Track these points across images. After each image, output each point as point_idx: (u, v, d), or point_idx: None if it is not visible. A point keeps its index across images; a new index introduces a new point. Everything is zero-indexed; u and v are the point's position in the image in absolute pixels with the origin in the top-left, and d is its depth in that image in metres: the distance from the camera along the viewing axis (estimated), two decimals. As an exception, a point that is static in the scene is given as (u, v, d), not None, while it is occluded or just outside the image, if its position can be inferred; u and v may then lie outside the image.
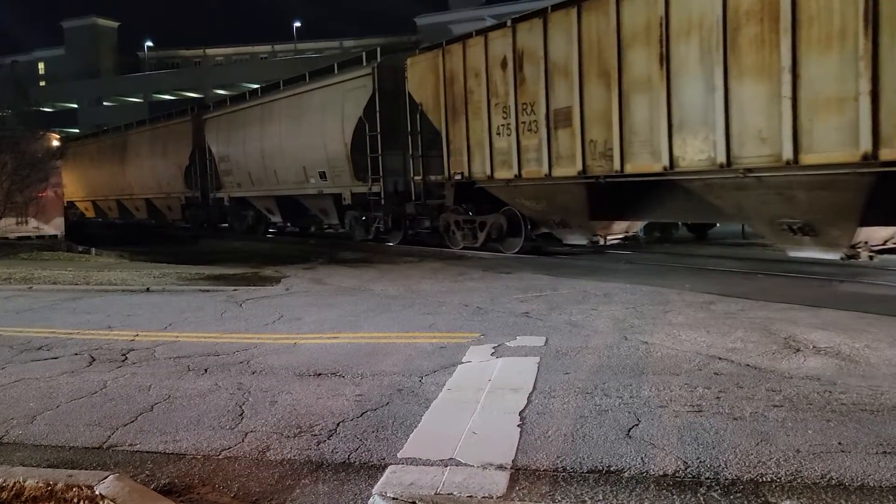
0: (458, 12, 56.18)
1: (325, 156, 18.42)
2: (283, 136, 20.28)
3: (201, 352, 6.15)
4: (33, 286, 10.97)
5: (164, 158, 27.55)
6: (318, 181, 18.97)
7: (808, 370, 4.93)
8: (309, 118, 19.02)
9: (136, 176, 30.01)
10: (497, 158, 13.42)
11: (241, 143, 22.45)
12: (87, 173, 34.70)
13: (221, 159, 23.93)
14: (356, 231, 18.81)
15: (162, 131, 28.10)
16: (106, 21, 72.50)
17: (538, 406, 4.33)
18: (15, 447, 3.99)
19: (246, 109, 22.64)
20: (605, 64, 11.09)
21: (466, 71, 13.98)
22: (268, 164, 21.06)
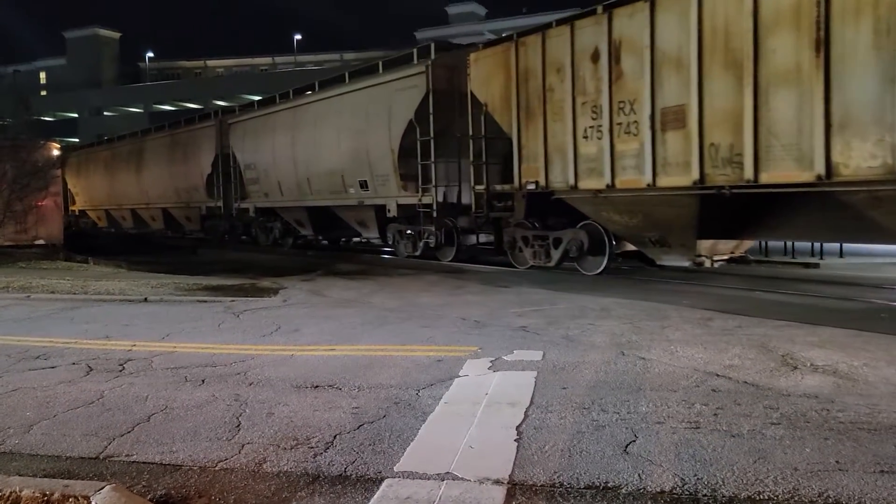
0: (458, 27, 56.60)
1: (367, 163, 17.03)
2: (319, 142, 18.84)
3: (199, 362, 6.15)
4: (31, 295, 10.96)
5: (185, 166, 26.22)
6: (359, 191, 17.55)
7: (805, 388, 4.94)
8: (349, 122, 17.61)
9: (153, 184, 28.59)
10: (583, 166, 11.84)
11: (270, 149, 21.09)
12: (100, 181, 33.54)
13: (247, 167, 22.56)
14: (400, 246, 17.32)
15: (182, 137, 26.77)
16: (108, 32, 72.83)
17: (535, 421, 4.33)
18: (11, 456, 3.98)
19: (276, 113, 21.17)
20: (734, 53, 9.51)
21: (546, 66, 12.37)
22: (300, 172, 19.66)
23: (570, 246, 12.67)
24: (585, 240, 12.48)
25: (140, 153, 29.67)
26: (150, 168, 28.71)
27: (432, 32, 56.03)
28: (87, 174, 34.86)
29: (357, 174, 17.47)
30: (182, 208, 27.24)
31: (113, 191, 32.34)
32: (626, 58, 11.04)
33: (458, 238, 15.68)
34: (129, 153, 30.69)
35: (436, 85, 15.12)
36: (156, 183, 28.30)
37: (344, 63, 58.57)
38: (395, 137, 16.06)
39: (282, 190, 20.81)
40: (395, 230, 17.35)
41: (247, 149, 22.51)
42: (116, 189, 31.86)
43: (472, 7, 64.99)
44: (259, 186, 22.13)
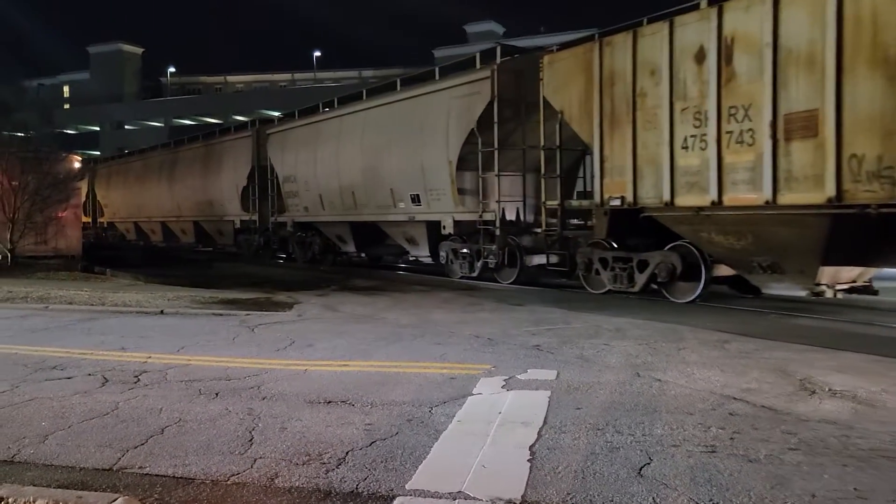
0: (477, 45, 56.88)
1: (420, 176, 15.88)
2: (366, 154, 17.70)
3: (213, 376, 6.16)
4: (50, 306, 11.06)
5: (219, 178, 25.25)
6: (409, 206, 16.42)
7: (824, 413, 4.87)
8: (401, 132, 16.52)
9: (185, 196, 27.67)
10: (681, 180, 10.62)
11: (312, 161, 19.93)
12: (129, 192, 32.69)
13: (286, 179, 21.36)
14: (454, 266, 15.92)
15: (217, 148, 25.84)
16: (131, 47, 73.97)
17: (549, 441, 4.29)
18: (26, 466, 4.00)
19: (318, 123, 20.07)
20: (885, 48, 8.22)
21: (637, 67, 11.23)
22: (345, 185, 18.53)
23: (659, 270, 11.29)
24: (678, 263, 11.09)
25: (172, 164, 28.88)
26: (183, 180, 27.85)
27: (450, 51, 56.29)
28: (117, 185, 34.25)
29: (408, 187, 16.36)
30: (214, 222, 26.32)
31: (143, 203, 31.55)
32: (739, 57, 9.84)
33: (521, 258, 14.34)
34: (161, 164, 29.96)
35: (501, 91, 13.96)
36: (188, 195, 27.45)
37: (362, 80, 59.04)
38: (454, 148, 14.97)
39: (323, 204, 19.67)
40: (448, 248, 16.00)
41: (286, 160, 21.40)
42: (146, 201, 31.05)
43: (491, 26, 65.41)
44: (298, 200, 20.92)
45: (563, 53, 12.85)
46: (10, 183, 18.97)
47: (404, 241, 17.64)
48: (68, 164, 21.71)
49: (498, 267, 14.66)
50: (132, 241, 34.02)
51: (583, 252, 12.73)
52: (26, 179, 18.99)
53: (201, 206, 26.65)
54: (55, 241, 20.78)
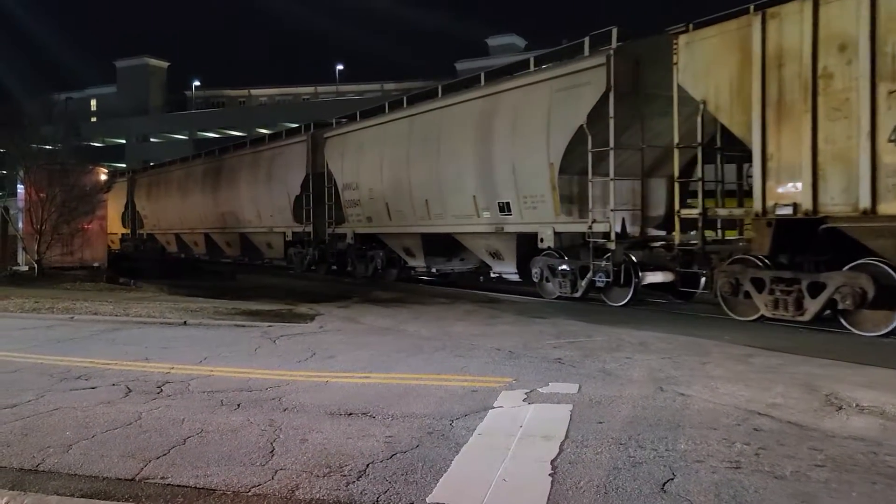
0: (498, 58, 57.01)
1: (511, 181, 14.01)
2: (443, 158, 15.94)
3: (234, 387, 6.19)
4: (75, 316, 11.20)
5: (269, 187, 23.57)
6: (496, 215, 14.54)
7: (852, 429, 4.78)
8: (485, 133, 14.71)
9: (231, 206, 25.95)
10: (888, 181, 8.57)
11: (377, 166, 18.19)
12: (171, 203, 31.16)
13: (346, 187, 19.61)
14: (550, 285, 13.87)
15: (266, 155, 24.12)
16: (157, 61, 75.13)
17: (570, 455, 4.26)
18: (50, 476, 4.03)
19: (385, 125, 18.32)
20: None
21: (818, 42, 9.16)
22: (416, 192, 16.78)
23: (842, 294, 9.17)
24: (868, 287, 8.94)
25: (217, 173, 27.19)
26: (229, 189, 26.15)
27: (472, 63, 56.53)
28: (158, 195, 32.84)
29: (495, 195, 14.49)
30: (263, 233, 24.64)
31: (185, 213, 29.93)
32: None
33: (636, 276, 12.32)
34: (205, 173, 28.32)
35: (619, 80, 11.92)
36: (234, 205, 25.82)
37: (384, 93, 59.43)
38: (556, 149, 12.94)
39: (390, 213, 17.93)
40: (543, 265, 13.90)
41: (346, 166, 19.63)
42: (189, 211, 29.49)
43: (513, 39, 65.69)
44: (361, 209, 19.18)
45: (707, 31, 10.72)
46: (37, 195, 19.31)
47: (487, 255, 15.65)
48: (95, 176, 22.02)
49: (608, 286, 12.62)
50: (173, 253, 32.49)
51: (726, 271, 10.61)
52: (53, 191, 19.31)
53: (249, 218, 25.06)
54: (81, 252, 21.05)
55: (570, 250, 13.47)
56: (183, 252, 31.51)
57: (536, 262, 14.14)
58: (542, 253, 13.90)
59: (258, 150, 24.96)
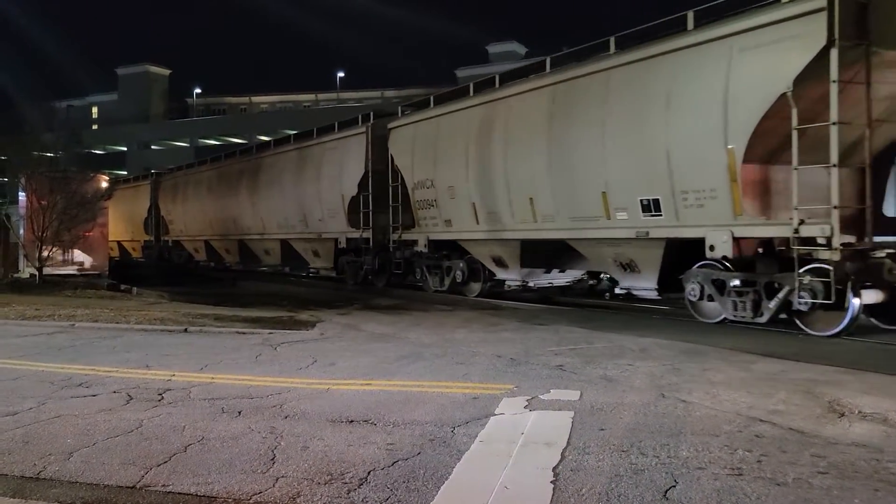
0: (499, 65, 57.16)
1: (665, 171, 10.91)
2: (555, 146, 12.93)
3: (235, 394, 6.19)
4: (76, 323, 11.19)
5: (317, 187, 20.71)
6: (637, 216, 11.51)
7: (854, 436, 4.77)
8: (622, 110, 11.66)
9: (272, 210, 23.26)
10: None
11: (461, 160, 15.35)
12: (200, 206, 28.33)
13: (419, 185, 16.78)
14: (712, 306, 10.93)
15: (315, 151, 21.28)
16: (158, 69, 75.25)
17: (572, 462, 4.25)
18: (51, 483, 4.03)
19: (471, 110, 15.32)
20: None
21: None
22: (517, 189, 13.91)
23: None
24: None
25: (254, 173, 24.44)
26: (268, 190, 23.46)
27: (472, 71, 56.65)
28: (186, 199, 29.93)
29: (637, 190, 11.48)
30: (310, 240, 21.70)
31: (217, 218, 26.92)
32: None
33: (855, 296, 9.33)
34: (240, 173, 25.49)
35: (844, 28, 8.87)
36: (275, 208, 23.08)
37: (384, 100, 59.53)
38: (739, 128, 9.90)
39: (477, 215, 15.06)
40: (704, 279, 10.82)
41: (418, 161, 16.79)
42: (221, 216, 26.52)
43: (513, 46, 65.73)
44: (437, 211, 16.31)
45: None
46: (38, 202, 19.35)
47: (615, 266, 12.55)
48: (96, 183, 22.07)
49: (810, 310, 9.59)
50: (202, 262, 29.90)
51: None
52: (55, 199, 19.37)
53: (292, 222, 22.22)
54: (82, 259, 21.08)
55: (738, 262, 10.52)
56: (213, 260, 29.06)
57: (693, 276, 11.01)
58: (699, 264, 10.95)
59: (305, 146, 21.96)
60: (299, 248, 22.53)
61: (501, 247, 14.97)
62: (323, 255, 21.44)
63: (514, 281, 15.37)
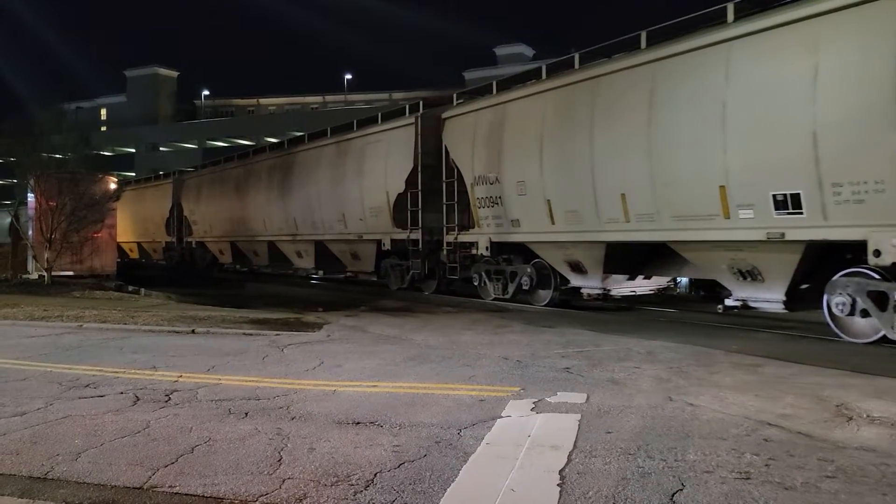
0: (506, 67, 57.18)
1: (811, 157, 9.13)
2: (656, 131, 11.18)
3: (242, 395, 6.20)
4: (83, 324, 11.23)
5: (359, 184, 19.08)
6: (768, 214, 9.78)
7: (862, 440, 4.74)
8: (754, 86, 9.83)
9: (305, 210, 21.72)
10: None
11: (533, 150, 13.56)
12: (227, 206, 26.71)
13: (480, 181, 15.11)
14: (865, 323, 9.24)
15: (356, 145, 19.60)
16: (166, 71, 75.60)
17: (579, 465, 4.24)
18: (59, 483, 4.04)
19: (543, 95, 13.62)
20: None
21: None
22: (605, 184, 12.09)
23: None
24: None
25: (286, 170, 22.92)
26: (302, 188, 21.88)
27: (480, 73, 56.68)
28: (211, 198, 28.37)
29: (768, 182, 9.73)
30: (349, 242, 20.10)
31: (244, 218, 25.44)
32: None
33: None
34: (271, 170, 24.02)
35: None
36: (309, 208, 21.51)
37: (392, 102, 59.61)
38: None
39: (553, 214, 13.32)
40: (859, 291, 9.12)
41: (480, 154, 15.15)
42: (249, 216, 25.07)
43: (521, 48, 65.77)
44: (503, 210, 14.65)
45: None
46: (47, 203, 19.44)
47: (730, 273, 10.79)
48: (104, 184, 22.14)
49: None
50: (227, 265, 28.67)
51: None
52: (63, 200, 19.44)
53: (329, 222, 20.58)
54: (90, 260, 21.18)
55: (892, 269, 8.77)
56: (238, 263, 27.79)
57: (841, 287, 9.33)
58: (843, 273, 9.37)
59: (344, 140, 20.25)
60: (336, 250, 21.00)
61: (582, 250, 13.20)
62: (363, 258, 19.95)
63: (592, 289, 13.58)
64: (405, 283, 18.41)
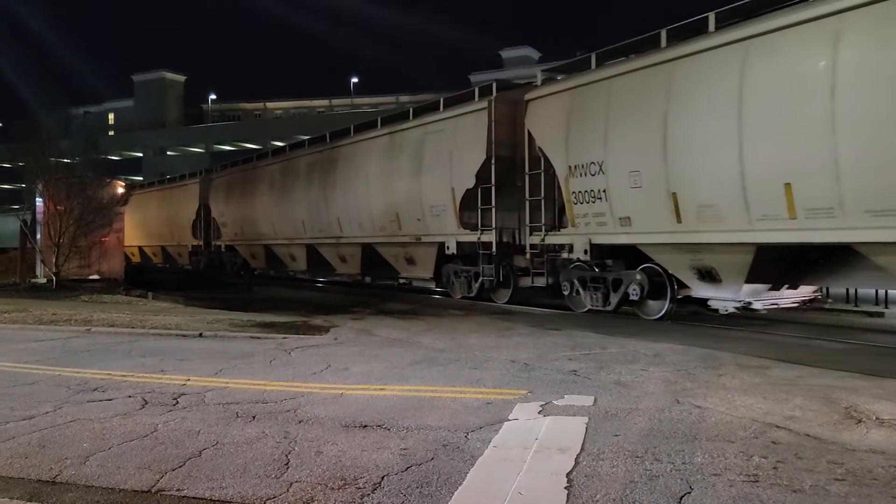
0: (513, 70, 57.15)
1: None
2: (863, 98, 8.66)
3: (250, 399, 6.21)
4: (92, 328, 11.28)
5: (418, 179, 16.94)
6: None
7: (871, 443, 4.72)
8: None
9: (351, 209, 19.66)
10: None
11: (652, 136, 11.21)
12: (260, 206, 24.96)
13: (576, 172, 12.80)
14: None
15: (415, 135, 17.33)
16: (173, 75, 75.94)
17: (586, 468, 4.23)
18: (67, 487, 4.06)
19: (663, 67, 11.21)
20: None
21: None
22: (758, 171, 9.83)
23: None
24: None
25: (329, 166, 20.87)
26: (348, 186, 19.84)
27: (486, 76, 56.73)
28: (242, 198, 26.37)
29: None
30: (403, 245, 18.04)
31: (279, 220, 23.67)
32: None
33: None
34: (311, 166, 22.00)
35: None
36: (355, 207, 19.50)
37: (399, 105, 59.69)
38: None
39: (680, 211, 10.99)
40: None
41: (576, 140, 12.81)
42: (286, 217, 23.24)
43: (527, 51, 65.83)
44: (608, 206, 12.25)
45: None
46: (55, 208, 19.52)
47: None
48: (112, 189, 22.22)
49: None
50: (259, 269, 26.99)
51: None
52: (71, 205, 19.52)
53: (380, 223, 18.52)
54: (98, 264, 21.25)
55: None
56: (272, 268, 25.93)
57: None
58: None
59: (398, 130, 18.10)
60: (387, 254, 18.92)
61: (718, 254, 10.92)
62: (420, 263, 17.76)
63: (728, 301, 11.29)
64: (472, 292, 16.31)
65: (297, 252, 23.48)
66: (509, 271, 15.37)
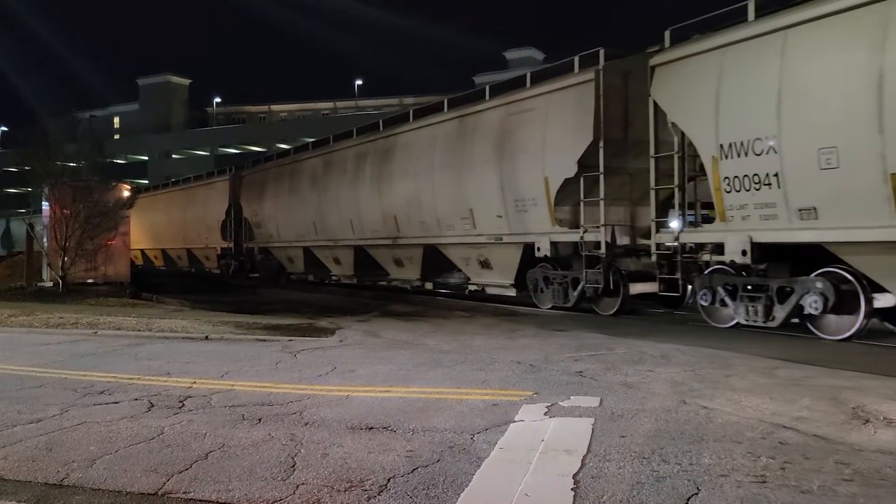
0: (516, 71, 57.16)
1: None
2: None
3: (256, 401, 6.22)
4: (98, 331, 11.31)
5: (498, 168, 14.67)
6: None
7: (879, 443, 4.69)
8: None
9: (413, 206, 17.49)
10: None
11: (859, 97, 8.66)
12: (298, 204, 23.06)
13: (730, 153, 10.24)
14: None
15: (492, 117, 15.05)
16: (178, 79, 76.19)
17: (593, 469, 4.22)
18: (74, 490, 4.07)
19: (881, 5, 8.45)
20: None
21: None
22: None
23: None
24: None
25: (384, 156, 18.67)
26: (406, 180, 17.68)
27: (490, 77, 56.70)
28: (278, 196, 24.47)
29: None
30: (476, 246, 15.82)
31: (322, 219, 21.63)
32: None
33: None
34: (359, 158, 19.83)
35: None
36: (416, 203, 17.32)
37: (403, 107, 59.72)
38: None
39: None
40: None
41: (731, 111, 10.26)
42: (329, 216, 21.22)
43: (531, 52, 65.83)
44: (779, 193, 9.72)
45: None
46: (61, 211, 19.59)
47: None
48: (117, 192, 22.29)
49: None
50: (298, 273, 24.84)
51: None
52: (77, 208, 19.58)
53: (449, 221, 16.33)
54: (104, 267, 21.30)
55: None
56: (312, 272, 23.77)
57: None
58: None
59: (471, 113, 15.70)
60: (456, 256, 16.62)
61: None
62: (497, 267, 15.44)
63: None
64: (569, 301, 13.65)
65: (342, 255, 21.50)
66: (619, 277, 12.92)
